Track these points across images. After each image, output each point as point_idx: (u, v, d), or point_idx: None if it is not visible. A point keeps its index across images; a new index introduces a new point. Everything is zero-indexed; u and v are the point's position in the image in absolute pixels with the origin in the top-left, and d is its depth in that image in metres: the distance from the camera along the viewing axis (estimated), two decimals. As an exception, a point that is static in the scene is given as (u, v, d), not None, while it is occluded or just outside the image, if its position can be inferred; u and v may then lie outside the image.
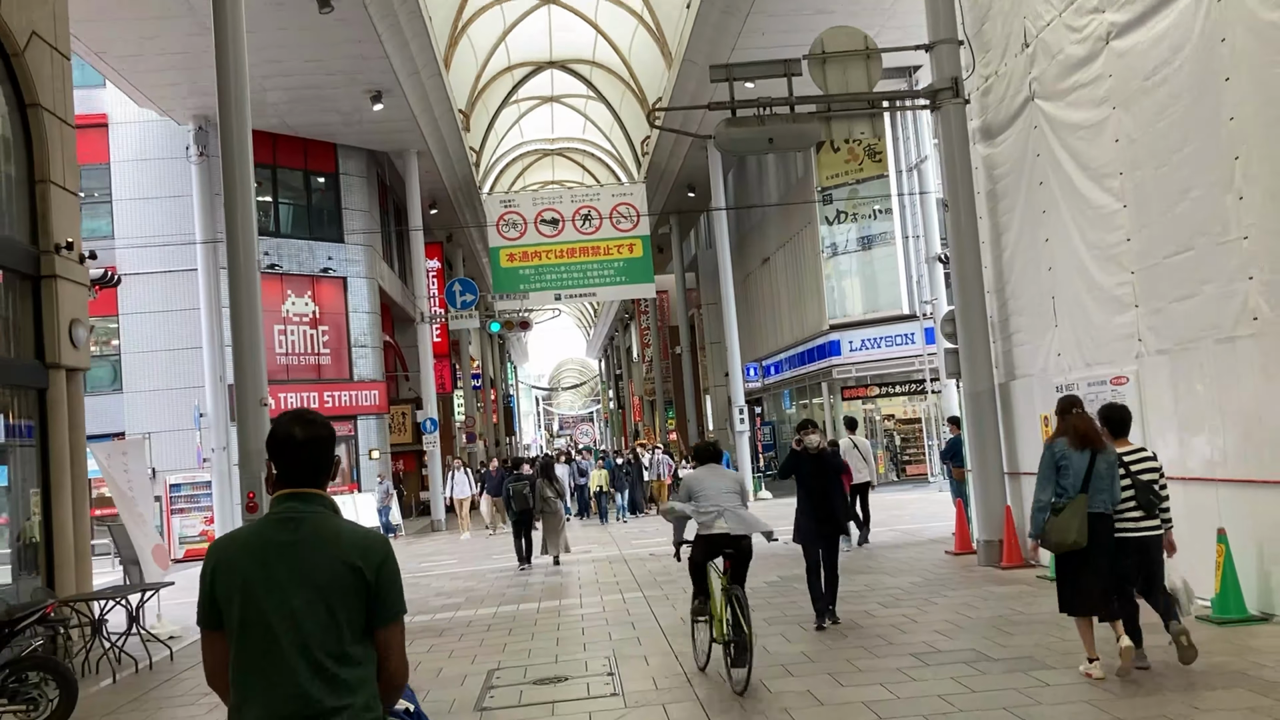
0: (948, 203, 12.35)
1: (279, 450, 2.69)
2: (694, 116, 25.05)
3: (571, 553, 16.80)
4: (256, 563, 2.59)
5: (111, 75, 21.83)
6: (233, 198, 12.06)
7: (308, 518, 2.64)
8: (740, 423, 27.50)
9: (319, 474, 2.71)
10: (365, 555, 2.61)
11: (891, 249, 27.00)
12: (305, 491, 2.68)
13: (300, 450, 2.68)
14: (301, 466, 2.68)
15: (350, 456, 26.59)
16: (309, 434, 2.69)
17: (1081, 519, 6.28)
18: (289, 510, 2.64)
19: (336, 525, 2.66)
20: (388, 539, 2.78)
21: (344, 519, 2.72)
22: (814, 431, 9.31)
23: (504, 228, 30.82)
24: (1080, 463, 6.35)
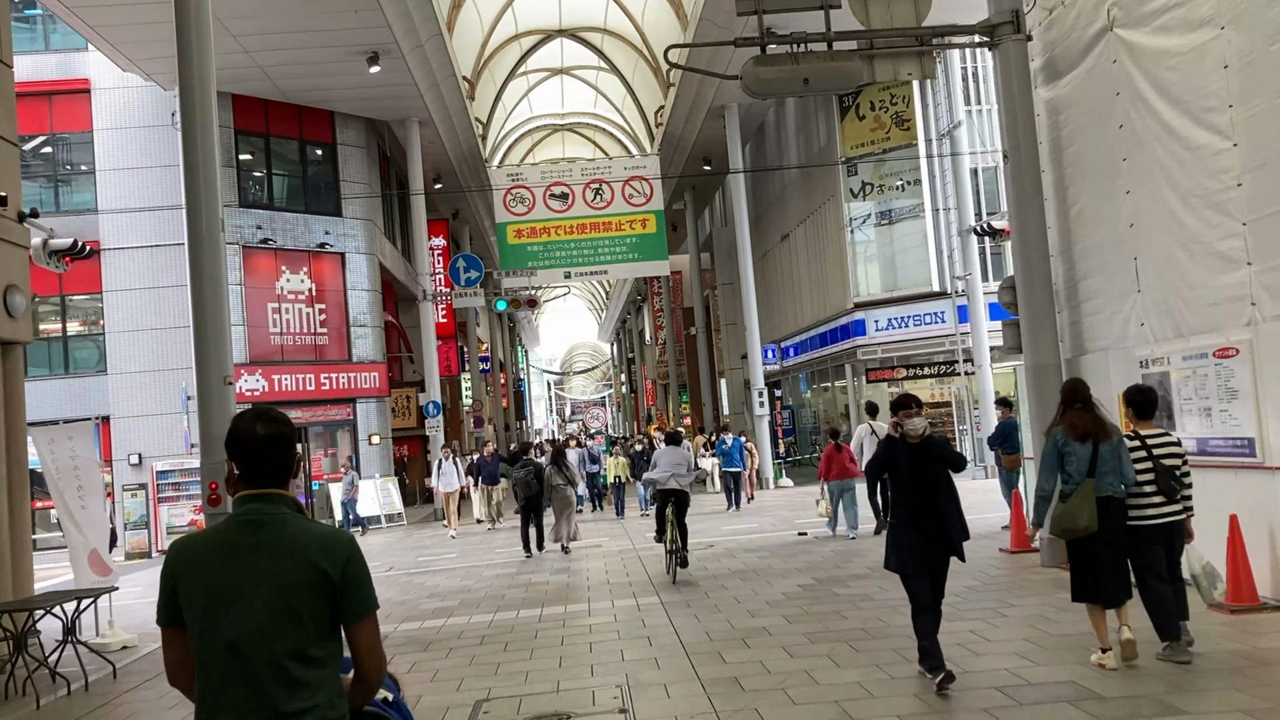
0: (1007, 153, 10.84)
1: (239, 450, 2.67)
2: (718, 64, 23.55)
3: (579, 540, 15.85)
4: (219, 566, 2.57)
5: (92, 37, 20.46)
6: (192, 140, 10.61)
7: (271, 519, 2.61)
8: (760, 406, 26.03)
9: (281, 473, 2.69)
10: (329, 555, 2.59)
11: (920, 223, 25.46)
12: (268, 492, 2.65)
13: (261, 450, 2.65)
14: (262, 466, 2.66)
15: (349, 441, 25.25)
16: (270, 432, 2.67)
17: (1090, 504, 6.17)
18: (252, 512, 2.63)
19: (300, 526, 2.63)
20: (353, 536, 2.71)
21: (307, 519, 2.67)
22: (916, 412, 6.59)
23: (511, 202, 29.37)
24: (1084, 450, 6.26)
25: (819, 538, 14.38)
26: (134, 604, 14.43)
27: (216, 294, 10.42)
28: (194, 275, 10.45)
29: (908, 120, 25.68)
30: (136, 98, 23.16)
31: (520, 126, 43.23)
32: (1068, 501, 6.22)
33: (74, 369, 23.45)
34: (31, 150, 23.67)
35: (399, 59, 21.73)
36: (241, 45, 20.42)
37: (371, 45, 20.96)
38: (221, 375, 10.29)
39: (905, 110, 25.71)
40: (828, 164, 27.16)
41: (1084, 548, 6.33)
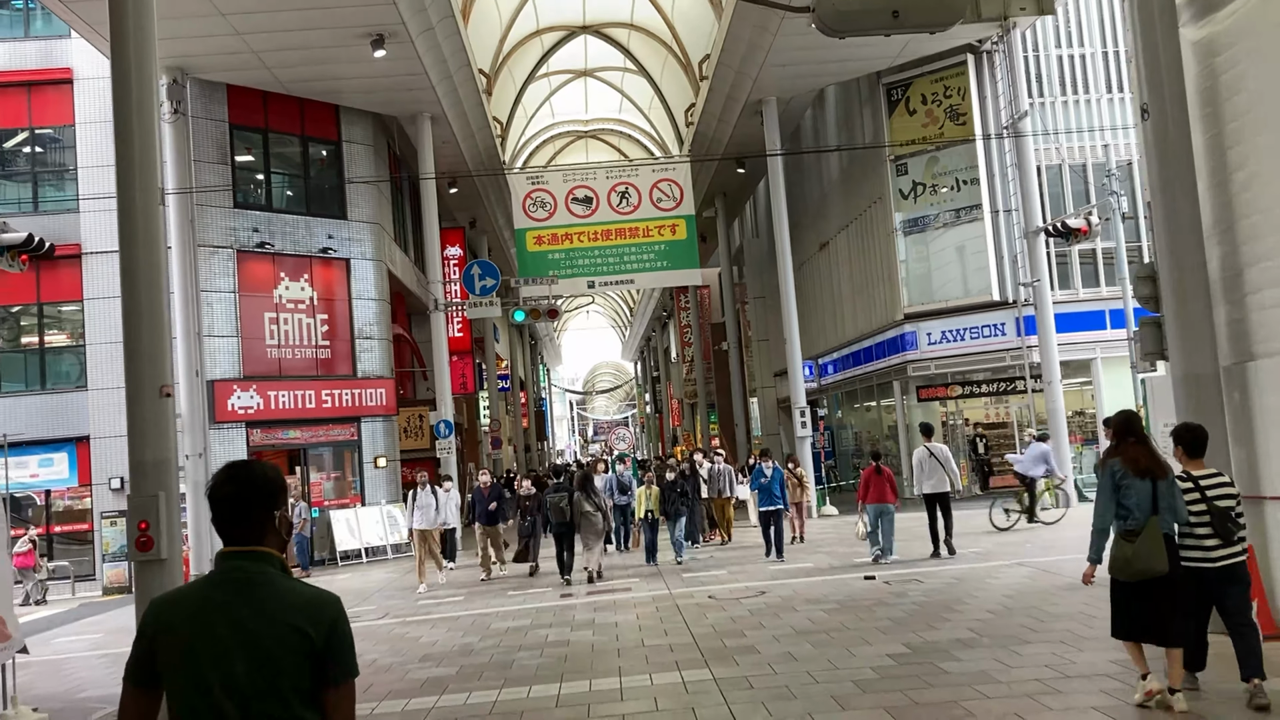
0: (1147, 109, 8.59)
1: (214, 508, 2.62)
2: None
3: (604, 578, 14.64)
4: (200, 627, 2.49)
5: (74, 22, 18.55)
6: (123, 84, 8.49)
7: (253, 578, 2.55)
8: (802, 427, 23.75)
9: (260, 531, 2.61)
10: (313, 618, 2.51)
11: (978, 225, 23.19)
12: (252, 550, 2.59)
13: (234, 508, 2.60)
14: (239, 524, 2.60)
15: (353, 464, 23.12)
16: (235, 492, 2.61)
17: (1161, 545, 5.99)
18: (235, 570, 2.57)
19: (283, 586, 2.56)
20: (338, 598, 2.60)
21: (292, 578, 2.60)
22: None
23: (531, 207, 27.30)
24: (1143, 487, 6.08)
25: (892, 581, 12.11)
26: (69, 659, 12.33)
27: (152, 280, 8.27)
28: (124, 257, 8.30)
29: (963, 114, 23.46)
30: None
31: (542, 132, 41.28)
32: (1137, 543, 6.01)
33: (52, 384, 21.49)
34: (10, 147, 21.80)
35: (407, 43, 19.70)
36: (232, 26, 18.45)
37: (376, 25, 18.94)
38: (156, 385, 8.15)
39: (960, 103, 23.50)
40: (876, 160, 24.95)
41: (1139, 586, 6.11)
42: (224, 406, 20.57)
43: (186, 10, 17.72)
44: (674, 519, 16.35)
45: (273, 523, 2.63)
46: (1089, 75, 23.68)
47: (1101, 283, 23.34)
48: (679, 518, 16.38)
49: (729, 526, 19.01)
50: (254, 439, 21.20)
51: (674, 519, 16.35)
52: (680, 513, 16.35)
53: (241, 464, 2.68)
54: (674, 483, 16.42)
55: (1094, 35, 23.78)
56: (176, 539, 7.97)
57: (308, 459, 22.45)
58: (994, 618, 9.44)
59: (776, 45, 21.37)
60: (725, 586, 12.94)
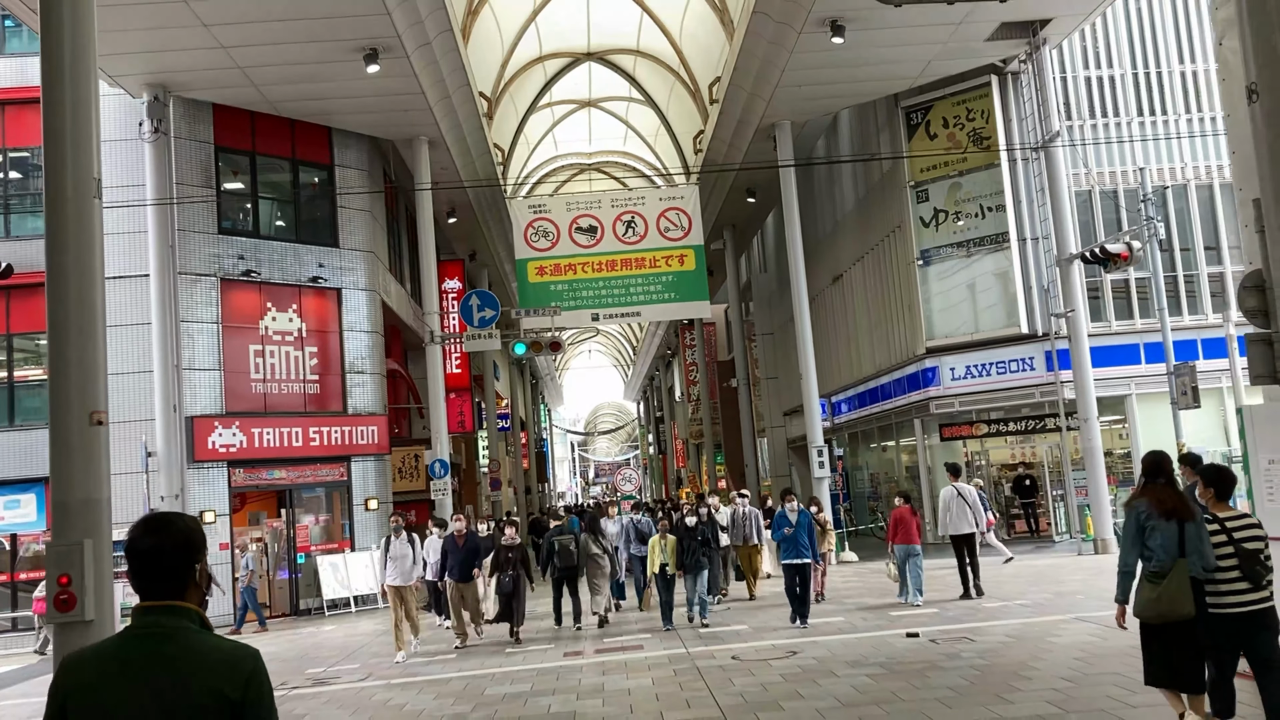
0: (1255, 89, 7.34)
1: (131, 561, 2.56)
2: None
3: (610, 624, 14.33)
4: (113, 686, 2.41)
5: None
6: (54, 32, 7.27)
7: (170, 634, 2.47)
8: (820, 466, 22.38)
9: (178, 585, 2.54)
10: (229, 675, 2.44)
11: (1005, 254, 21.98)
12: (169, 604, 2.52)
13: (151, 561, 2.53)
14: (155, 578, 2.53)
15: (342, 506, 21.72)
16: (156, 545, 2.55)
17: (1188, 588, 5.88)
18: (150, 625, 2.49)
19: (200, 643, 2.48)
20: (257, 653, 2.52)
21: (210, 634, 2.53)
22: None
23: (533, 236, 26.12)
24: (1170, 528, 5.98)
25: (939, 639, 10.72)
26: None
27: (83, 286, 7.01)
28: (51, 255, 7.04)
29: (987, 138, 22.33)
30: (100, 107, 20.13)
31: (545, 165, 40.25)
32: (1164, 585, 5.96)
33: (20, 420, 20.12)
34: (-16, 169, 20.66)
35: (402, 58, 18.58)
36: (216, 39, 17.33)
37: (369, 39, 17.82)
38: (86, 411, 6.84)
39: (984, 126, 22.38)
40: (894, 186, 23.80)
41: (1163, 629, 6.08)
42: (204, 444, 19.23)
43: (166, 20, 16.62)
44: (694, 572, 13.65)
45: (193, 576, 2.58)
46: (1119, 97, 22.56)
47: (1135, 315, 22.08)
48: (700, 571, 13.70)
49: (754, 578, 16.70)
50: (236, 479, 19.84)
51: (694, 572, 13.65)
52: (702, 565, 13.74)
53: (160, 516, 2.66)
54: (695, 529, 13.81)
55: (1124, 56, 22.70)
56: (107, 597, 6.62)
57: (294, 501, 21.06)
58: (1073, 687, 8.06)
59: (791, 64, 20.27)
60: (749, 645, 11.55)
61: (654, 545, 13.86)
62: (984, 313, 22.60)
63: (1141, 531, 6.12)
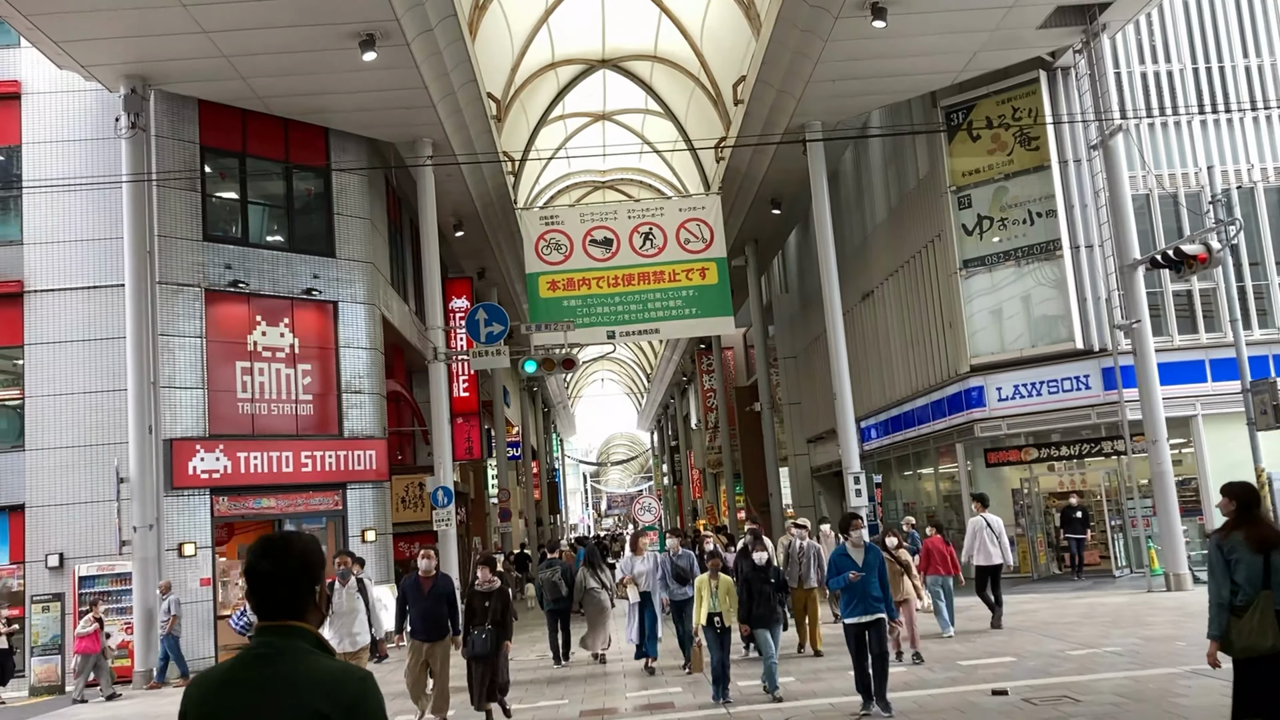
0: None
1: (249, 581, 2.58)
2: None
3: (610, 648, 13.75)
4: (224, 707, 2.46)
5: (26, 29, 15.98)
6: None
7: (280, 655, 2.48)
8: (856, 495, 20.55)
9: (296, 606, 2.56)
10: (333, 698, 2.40)
11: (1057, 263, 20.21)
12: (283, 625, 2.54)
13: (265, 582, 2.57)
14: (271, 598, 2.56)
15: (337, 538, 19.94)
16: (276, 565, 2.58)
17: (1273, 621, 5.76)
18: (263, 645, 2.52)
19: (308, 665, 2.47)
20: (367, 675, 2.49)
21: (323, 655, 2.52)
22: None
23: (544, 249, 24.50)
24: (1255, 560, 5.85)
25: (1036, 700, 8.88)
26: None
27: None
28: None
29: (1036, 139, 20.63)
30: (76, 104, 18.66)
31: (557, 181, 38.73)
32: (1244, 618, 5.82)
33: (-17, 443, 18.48)
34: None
35: (402, 46, 17.00)
36: (198, 22, 15.76)
37: (364, 22, 16.23)
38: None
39: (1032, 125, 20.67)
40: (933, 193, 22.10)
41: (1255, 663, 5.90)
42: (184, 470, 17.50)
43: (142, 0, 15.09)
44: (768, 627, 10.30)
45: (312, 597, 2.59)
46: (1178, 94, 20.85)
47: (1200, 329, 20.27)
48: (775, 625, 10.44)
49: (815, 629, 13.26)
50: (219, 508, 18.10)
51: (768, 627, 10.30)
52: (778, 618, 10.56)
53: (280, 537, 2.65)
54: (766, 569, 10.45)
55: (1182, 50, 21.01)
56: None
57: (283, 532, 19.29)
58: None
59: (826, 54, 18.63)
60: (802, 704, 9.69)
61: (701, 587, 10.66)
62: (1034, 327, 20.79)
63: (1228, 565, 5.95)
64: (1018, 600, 17.31)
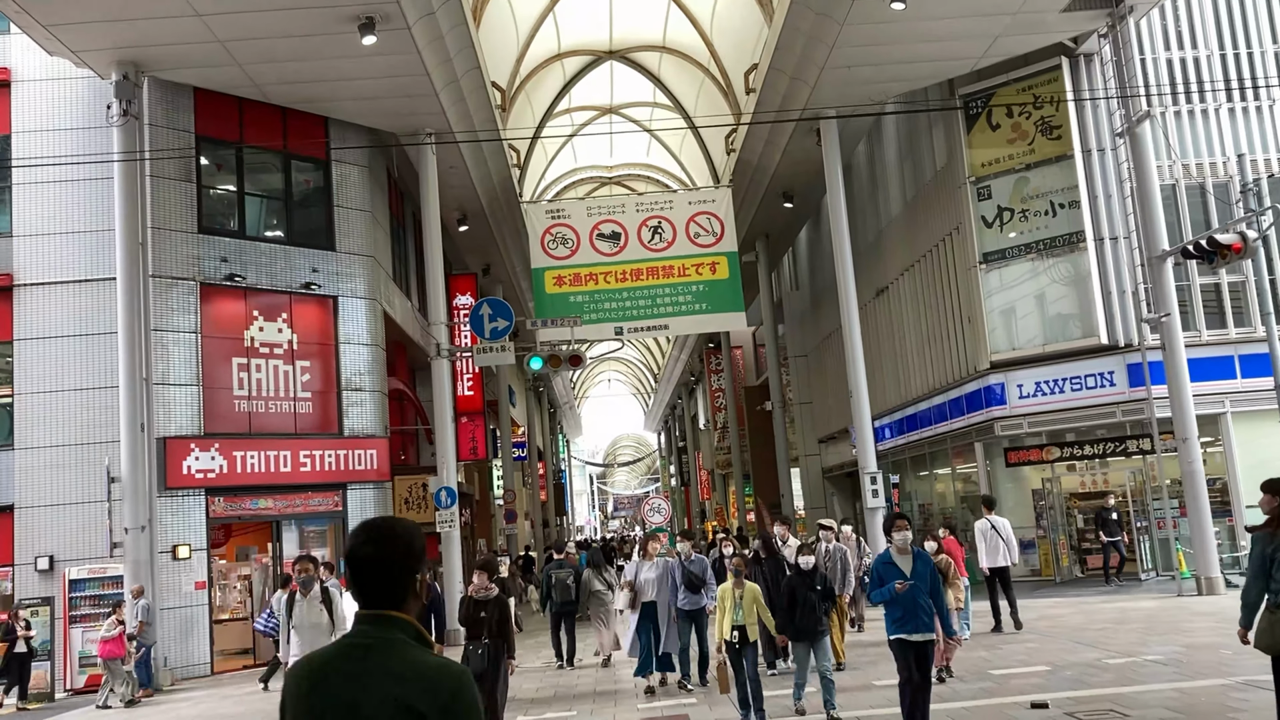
0: None
1: (350, 568, 2.50)
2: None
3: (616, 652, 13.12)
4: (319, 695, 2.40)
5: (10, 9, 15.39)
6: None
7: (377, 645, 2.40)
8: (873, 495, 19.90)
9: (396, 595, 2.47)
10: (427, 694, 2.32)
11: (1081, 255, 19.54)
12: (383, 614, 2.45)
13: (367, 568, 2.47)
14: (371, 586, 2.47)
15: (337, 540, 19.34)
16: (379, 552, 2.48)
17: None
18: (361, 635, 2.45)
19: (406, 657, 2.38)
20: (464, 673, 2.40)
21: (420, 648, 2.42)
22: None
23: (550, 244, 23.92)
24: None
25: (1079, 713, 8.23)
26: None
27: None
28: None
29: (1058, 127, 19.97)
30: (66, 92, 18.14)
31: (564, 177, 38.11)
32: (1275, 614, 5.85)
33: (-25, 441, 17.91)
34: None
35: (403, 30, 16.40)
36: (191, 4, 15.17)
37: (363, 4, 15.63)
38: None
39: (1054, 114, 20.01)
40: (950, 185, 21.43)
41: None
42: (178, 469, 16.90)
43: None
44: (813, 640, 9.08)
45: (412, 587, 2.50)
46: (1205, 81, 20.16)
47: (1229, 324, 19.59)
48: (822, 638, 9.13)
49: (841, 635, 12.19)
50: (215, 508, 17.51)
51: (813, 640, 9.08)
52: (823, 629, 9.20)
53: (383, 523, 2.55)
54: (812, 574, 9.22)
55: (1209, 35, 20.33)
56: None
57: (281, 534, 18.69)
58: None
59: (842, 38, 17.98)
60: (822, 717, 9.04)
61: (723, 597, 9.18)
62: (1056, 322, 20.13)
63: (1268, 563, 5.91)
64: (1043, 604, 16.67)
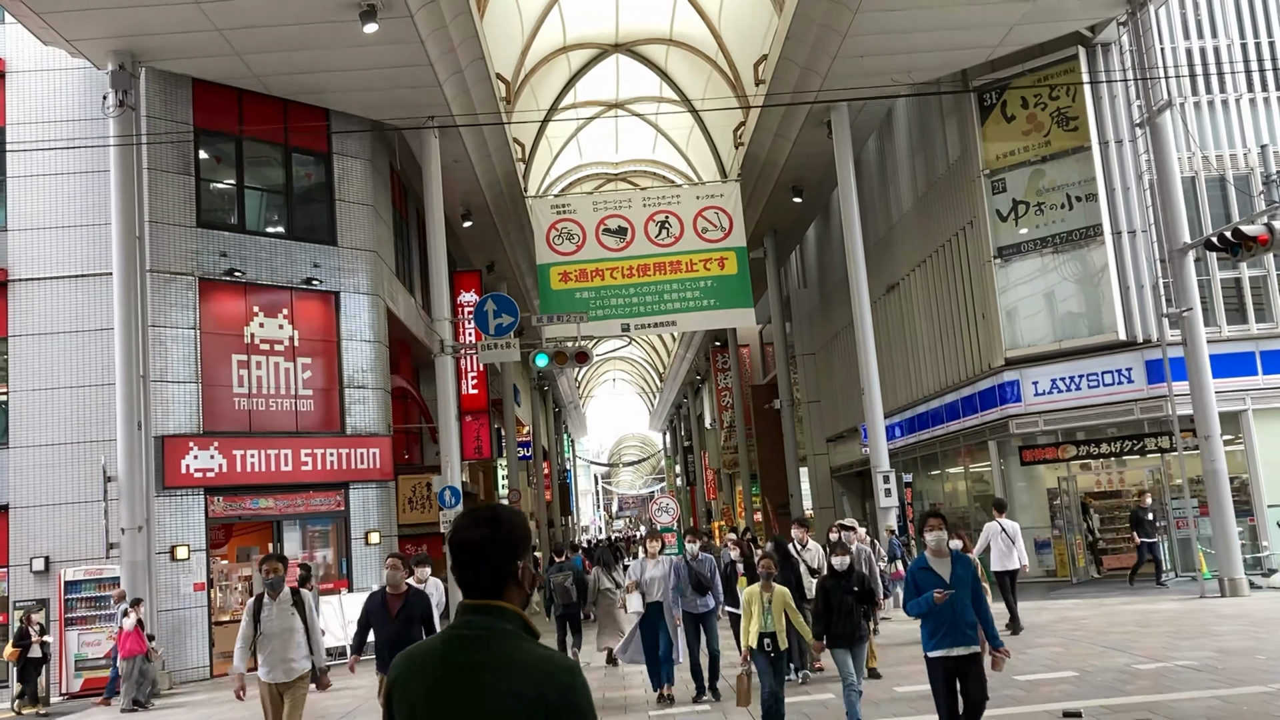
0: None
1: (453, 555, 2.45)
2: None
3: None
4: (429, 689, 2.33)
5: (9, 3, 15.03)
6: None
7: (486, 637, 2.34)
8: (885, 495, 19.48)
9: (500, 583, 2.41)
10: (543, 686, 2.26)
11: (1098, 249, 19.12)
12: (488, 604, 2.39)
13: (472, 556, 2.41)
14: (476, 574, 2.41)
15: (340, 540, 18.97)
16: (484, 537, 2.42)
17: None
18: (468, 625, 2.38)
19: (515, 649, 2.32)
20: (574, 666, 2.32)
21: (531, 641, 2.36)
22: None
23: (556, 239, 23.54)
24: None
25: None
26: None
27: None
28: None
29: (1075, 118, 19.54)
30: (61, 83, 17.73)
31: (569, 175, 37.72)
32: None
33: (-29, 439, 17.53)
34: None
35: (405, 17, 16.01)
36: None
37: (365, -10, 15.26)
38: None
39: (1070, 105, 19.59)
40: (964, 178, 21.00)
41: None
42: (176, 468, 16.53)
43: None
44: (849, 645, 8.30)
45: (517, 574, 2.43)
46: (1225, 71, 19.73)
47: (1250, 319, 19.16)
48: (855, 644, 8.36)
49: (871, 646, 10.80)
50: (215, 509, 17.13)
51: (849, 645, 8.30)
52: (860, 634, 8.45)
53: (489, 508, 2.49)
54: (849, 574, 8.46)
55: (1229, 24, 19.90)
56: None
57: (282, 534, 18.31)
58: None
59: (855, 27, 17.60)
60: (847, 725, 8.64)
61: (750, 601, 8.43)
62: (1072, 318, 19.72)
63: None
64: (1062, 606, 16.26)
